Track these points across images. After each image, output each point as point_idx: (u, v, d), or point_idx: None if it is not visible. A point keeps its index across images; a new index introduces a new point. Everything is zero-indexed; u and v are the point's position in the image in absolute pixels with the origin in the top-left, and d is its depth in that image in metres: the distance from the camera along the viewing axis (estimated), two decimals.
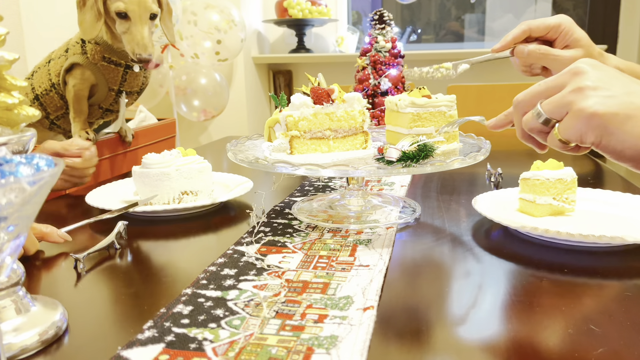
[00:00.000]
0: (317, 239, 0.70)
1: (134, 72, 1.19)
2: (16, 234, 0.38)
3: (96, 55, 1.15)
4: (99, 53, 1.15)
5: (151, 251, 0.70)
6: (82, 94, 1.17)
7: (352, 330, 0.46)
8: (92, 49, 1.15)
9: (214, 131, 2.94)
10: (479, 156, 0.74)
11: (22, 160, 0.38)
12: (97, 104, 1.22)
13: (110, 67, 1.16)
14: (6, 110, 0.46)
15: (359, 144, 0.84)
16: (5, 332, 0.44)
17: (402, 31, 3.82)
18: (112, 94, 1.20)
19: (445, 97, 0.82)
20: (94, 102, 1.21)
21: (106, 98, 1.20)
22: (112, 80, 1.18)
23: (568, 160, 1.25)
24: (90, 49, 1.15)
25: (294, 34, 3.11)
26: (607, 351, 0.43)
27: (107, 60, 1.15)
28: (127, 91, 1.21)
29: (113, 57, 1.15)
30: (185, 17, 2.36)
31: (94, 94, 1.20)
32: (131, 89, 1.22)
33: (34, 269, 0.64)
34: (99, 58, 1.15)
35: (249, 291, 0.55)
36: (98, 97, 1.20)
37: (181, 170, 0.84)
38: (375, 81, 1.33)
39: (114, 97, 1.21)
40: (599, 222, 0.72)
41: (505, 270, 0.60)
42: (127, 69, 1.18)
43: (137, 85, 1.23)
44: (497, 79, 3.14)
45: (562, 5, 4.17)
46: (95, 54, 1.15)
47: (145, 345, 0.44)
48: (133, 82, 1.21)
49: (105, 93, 1.19)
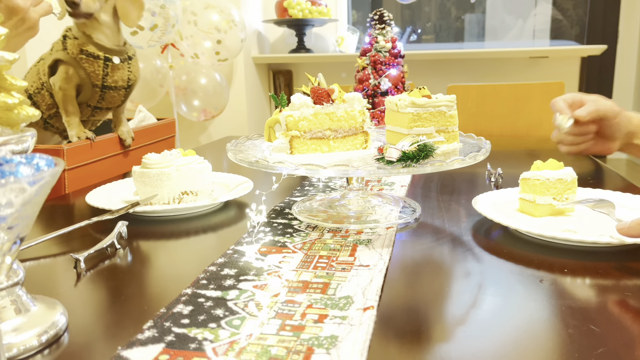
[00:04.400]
0: (317, 239, 0.70)
1: (115, 64, 1.19)
2: (16, 234, 0.38)
3: (75, 50, 1.16)
4: (77, 47, 1.16)
5: (151, 251, 0.70)
6: (69, 93, 1.18)
7: (352, 330, 0.46)
8: (71, 44, 1.16)
9: (214, 131, 2.94)
10: (479, 156, 0.74)
11: (22, 160, 0.38)
12: (85, 102, 1.22)
13: (89, 60, 1.16)
14: (6, 110, 0.46)
15: (359, 144, 0.84)
16: (5, 332, 0.44)
17: (402, 31, 3.82)
18: (96, 90, 1.20)
19: (445, 97, 0.82)
20: (81, 101, 1.21)
21: (92, 95, 1.21)
22: (94, 75, 1.18)
23: (568, 160, 1.25)
24: (70, 44, 1.16)
25: (294, 34, 3.11)
26: (607, 351, 0.43)
27: (86, 54, 1.16)
28: (113, 87, 1.21)
29: (90, 49, 1.16)
30: (185, 17, 2.36)
31: (79, 93, 1.20)
32: (116, 84, 1.22)
33: (34, 269, 0.64)
34: (78, 52, 1.16)
35: (249, 291, 0.55)
36: (84, 95, 1.20)
37: (181, 170, 0.84)
38: (375, 81, 1.33)
39: (99, 94, 1.21)
40: (599, 222, 0.72)
41: (505, 270, 0.60)
42: (107, 61, 1.18)
43: (122, 79, 1.22)
44: (497, 79, 3.14)
45: (562, 5, 4.17)
46: (74, 48, 1.16)
47: (145, 345, 0.44)
48: (116, 75, 1.21)
49: (90, 90, 1.19)
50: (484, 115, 1.89)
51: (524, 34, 4.21)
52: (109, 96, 1.23)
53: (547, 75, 3.11)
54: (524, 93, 1.87)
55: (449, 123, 0.83)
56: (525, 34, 4.21)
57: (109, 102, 1.24)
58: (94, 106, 1.24)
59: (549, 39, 4.20)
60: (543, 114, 1.85)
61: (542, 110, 1.85)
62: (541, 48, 3.31)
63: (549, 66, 3.13)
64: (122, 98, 1.27)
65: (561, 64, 3.13)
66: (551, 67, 3.13)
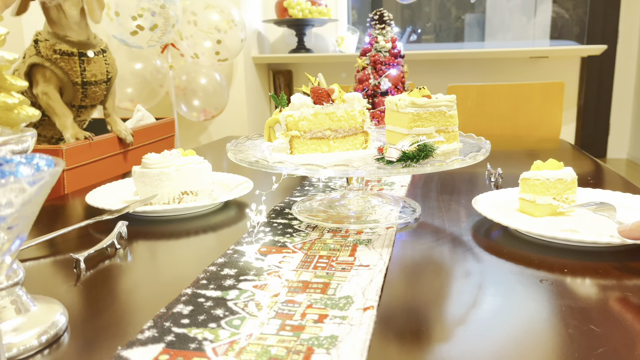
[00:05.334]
0: (317, 239, 0.70)
1: (90, 58, 1.20)
2: (16, 234, 0.38)
3: (48, 51, 1.16)
4: (49, 48, 1.16)
5: (151, 251, 0.70)
6: (53, 96, 1.18)
7: (352, 330, 0.46)
8: (44, 46, 1.17)
9: (214, 131, 2.94)
10: (479, 156, 0.74)
11: (22, 160, 0.38)
12: (69, 102, 1.22)
13: (64, 58, 1.17)
14: (6, 110, 0.46)
15: (359, 144, 0.84)
16: (5, 332, 0.44)
17: (402, 31, 3.82)
18: (77, 87, 1.20)
19: (445, 97, 0.82)
20: (65, 102, 1.22)
21: (75, 95, 1.21)
22: (72, 72, 1.18)
23: (568, 160, 1.25)
24: (42, 47, 1.17)
25: (294, 34, 3.11)
26: (607, 351, 0.43)
27: (60, 52, 1.16)
28: (93, 81, 1.22)
29: (63, 47, 1.16)
30: (185, 17, 2.36)
31: (61, 94, 1.20)
32: (95, 78, 1.22)
33: (34, 269, 0.64)
34: (51, 52, 1.16)
35: (248, 291, 0.55)
36: (67, 96, 1.21)
37: (181, 170, 0.84)
38: (375, 81, 1.33)
39: (81, 91, 1.21)
40: (599, 222, 0.72)
41: (505, 270, 0.60)
42: (82, 56, 1.19)
43: (100, 73, 1.23)
44: (497, 79, 3.14)
45: (562, 5, 4.17)
46: (46, 49, 1.16)
47: (145, 345, 0.44)
48: (94, 69, 1.21)
49: (71, 89, 1.19)
50: (484, 115, 1.89)
51: (524, 34, 4.21)
52: (91, 92, 1.23)
53: (547, 75, 3.11)
54: (524, 93, 1.87)
55: (449, 123, 0.83)
56: (525, 34, 4.21)
57: (92, 98, 1.25)
58: (79, 105, 1.24)
59: (549, 39, 4.21)
60: (543, 114, 1.85)
61: (542, 110, 1.85)
62: (541, 48, 3.31)
63: (549, 66, 3.13)
64: (104, 92, 1.27)
65: (561, 64, 3.13)
66: (551, 67, 3.13)
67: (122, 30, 2.08)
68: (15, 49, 2.27)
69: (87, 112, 1.30)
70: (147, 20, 2.08)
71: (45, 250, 0.69)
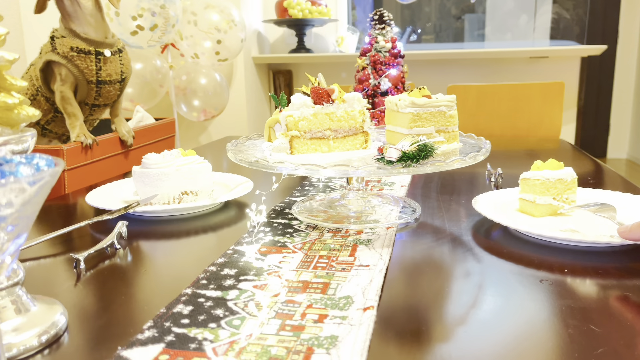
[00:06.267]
0: (317, 239, 0.70)
1: (107, 57, 1.19)
2: (16, 234, 0.38)
3: (64, 48, 1.16)
4: (66, 45, 1.16)
5: (151, 251, 0.70)
6: (68, 95, 1.18)
7: (352, 330, 0.46)
8: (60, 43, 1.16)
9: (214, 131, 2.94)
10: (479, 156, 0.74)
11: (22, 160, 0.38)
12: (83, 101, 1.22)
13: (81, 57, 1.16)
14: (6, 110, 0.46)
15: (359, 144, 0.84)
16: (5, 332, 0.44)
17: (402, 31, 3.82)
18: (92, 86, 1.20)
19: (445, 97, 0.82)
20: (79, 100, 1.21)
21: (89, 93, 1.21)
22: (87, 71, 1.18)
23: (568, 160, 1.25)
24: (59, 44, 1.16)
25: (294, 34, 3.11)
26: (607, 351, 0.43)
27: (76, 50, 1.16)
28: (107, 81, 1.21)
29: (80, 45, 1.16)
30: (185, 17, 2.36)
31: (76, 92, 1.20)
32: (110, 78, 1.22)
33: (34, 269, 0.64)
34: (68, 50, 1.16)
35: (249, 291, 0.55)
36: (81, 94, 1.21)
37: (181, 170, 0.84)
38: (375, 81, 1.33)
39: (95, 90, 1.21)
40: (598, 222, 0.72)
41: (505, 270, 0.60)
42: (99, 55, 1.18)
43: (115, 72, 1.22)
44: (497, 79, 3.14)
45: (562, 5, 4.17)
46: (63, 47, 1.16)
47: (145, 345, 0.44)
48: (110, 69, 1.21)
49: (85, 87, 1.19)
50: (484, 115, 1.89)
51: (524, 34, 4.21)
52: (105, 91, 1.23)
53: (547, 75, 3.11)
54: (524, 93, 1.87)
55: (449, 123, 0.83)
56: (525, 34, 4.21)
57: (105, 97, 1.24)
58: (92, 104, 1.24)
59: (549, 39, 4.21)
60: (543, 114, 1.85)
61: (542, 110, 1.85)
62: (541, 48, 3.31)
63: (549, 66, 3.13)
64: (118, 92, 1.27)
65: (561, 64, 3.13)
66: (551, 67, 3.13)
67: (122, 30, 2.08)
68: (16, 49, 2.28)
69: (100, 111, 1.30)
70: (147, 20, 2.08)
71: (45, 250, 0.69)
